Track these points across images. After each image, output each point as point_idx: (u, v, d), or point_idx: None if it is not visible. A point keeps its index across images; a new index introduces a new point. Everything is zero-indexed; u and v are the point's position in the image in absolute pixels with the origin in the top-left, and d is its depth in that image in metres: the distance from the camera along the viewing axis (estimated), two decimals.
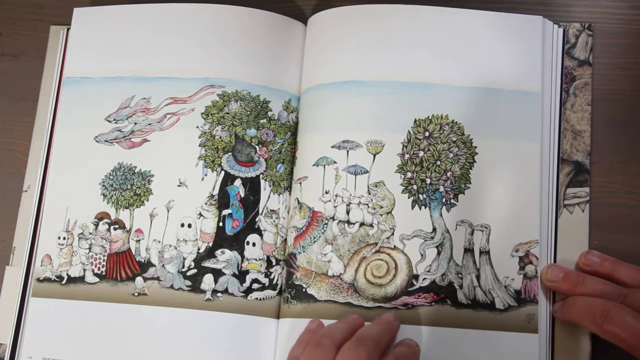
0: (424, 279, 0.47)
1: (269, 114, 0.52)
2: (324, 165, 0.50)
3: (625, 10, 0.53)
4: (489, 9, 0.51)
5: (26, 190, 0.54)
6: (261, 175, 0.51)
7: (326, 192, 0.50)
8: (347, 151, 0.50)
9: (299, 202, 0.50)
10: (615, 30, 0.52)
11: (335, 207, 0.49)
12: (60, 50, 0.56)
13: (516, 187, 0.48)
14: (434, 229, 0.48)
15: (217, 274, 0.49)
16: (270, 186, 0.51)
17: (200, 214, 0.50)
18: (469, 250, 0.47)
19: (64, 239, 0.51)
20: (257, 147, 0.52)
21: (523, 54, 0.50)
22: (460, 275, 0.47)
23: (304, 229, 0.49)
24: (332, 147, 0.50)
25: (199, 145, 0.52)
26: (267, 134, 0.52)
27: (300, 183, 0.51)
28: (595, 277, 0.45)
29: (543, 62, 0.50)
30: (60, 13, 0.57)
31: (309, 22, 0.54)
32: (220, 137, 0.52)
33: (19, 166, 0.55)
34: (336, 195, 0.49)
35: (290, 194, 0.52)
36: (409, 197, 0.49)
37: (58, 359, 0.49)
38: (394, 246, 0.48)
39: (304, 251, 0.49)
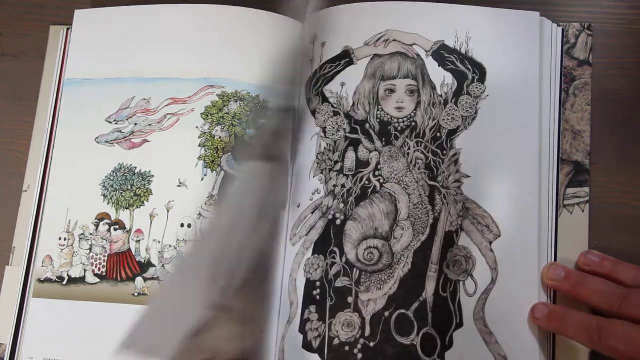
0: None
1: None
2: None
3: (625, 10, 0.53)
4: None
5: (26, 190, 0.54)
6: None
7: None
8: None
9: None
10: (615, 30, 0.52)
11: None
12: (60, 51, 0.56)
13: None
14: None
15: None
16: None
17: (200, 214, 0.50)
18: None
19: (65, 239, 0.51)
20: None
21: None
22: None
23: None
24: None
25: (199, 146, 0.52)
26: None
27: None
28: (596, 277, 0.45)
29: (541, 59, 0.50)
30: (60, 13, 0.57)
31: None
32: (220, 138, 0.52)
33: (19, 166, 0.55)
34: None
35: None
36: None
37: None
38: None
39: None
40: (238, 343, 0.41)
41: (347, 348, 0.46)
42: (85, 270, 0.51)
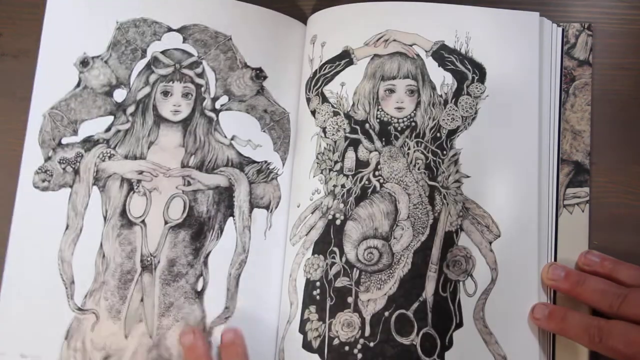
0: None
1: None
2: None
3: (625, 10, 0.53)
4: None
5: None
6: None
7: None
8: None
9: None
10: (615, 30, 0.52)
11: None
12: None
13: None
14: None
15: None
16: None
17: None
18: None
19: None
20: None
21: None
22: None
23: None
24: None
25: None
26: None
27: None
28: (596, 276, 0.45)
29: (541, 59, 0.50)
30: None
31: (309, 21, 0.54)
32: None
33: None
34: None
35: None
36: None
37: None
38: None
39: None
40: (133, 340, 0.44)
41: (347, 348, 0.46)
42: None
